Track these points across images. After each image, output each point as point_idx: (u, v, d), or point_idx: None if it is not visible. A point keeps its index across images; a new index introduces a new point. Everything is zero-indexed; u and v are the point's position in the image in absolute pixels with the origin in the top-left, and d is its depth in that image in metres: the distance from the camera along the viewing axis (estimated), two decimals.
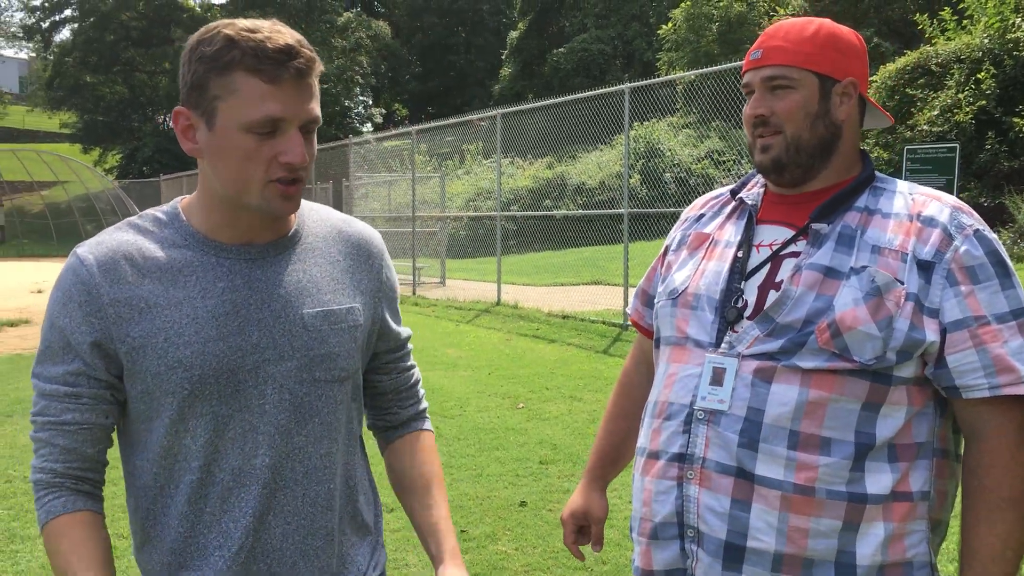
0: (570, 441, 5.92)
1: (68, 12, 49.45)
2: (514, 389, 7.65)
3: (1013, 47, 13.15)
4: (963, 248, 1.46)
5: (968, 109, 12.74)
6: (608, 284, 14.48)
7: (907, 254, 1.47)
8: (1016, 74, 13.01)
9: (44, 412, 1.38)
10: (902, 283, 1.45)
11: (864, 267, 1.47)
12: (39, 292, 17.97)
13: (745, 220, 1.65)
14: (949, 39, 14.64)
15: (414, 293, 16.10)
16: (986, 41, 13.53)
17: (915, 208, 1.52)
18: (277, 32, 1.31)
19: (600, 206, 19.37)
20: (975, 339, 1.43)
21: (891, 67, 14.37)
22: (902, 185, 1.59)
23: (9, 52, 62.55)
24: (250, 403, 1.39)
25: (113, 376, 1.39)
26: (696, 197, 2.01)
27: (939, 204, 1.52)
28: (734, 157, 18.32)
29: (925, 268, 1.45)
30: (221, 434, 1.39)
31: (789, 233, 1.58)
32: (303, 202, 1.49)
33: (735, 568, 1.49)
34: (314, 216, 1.53)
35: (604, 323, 11.06)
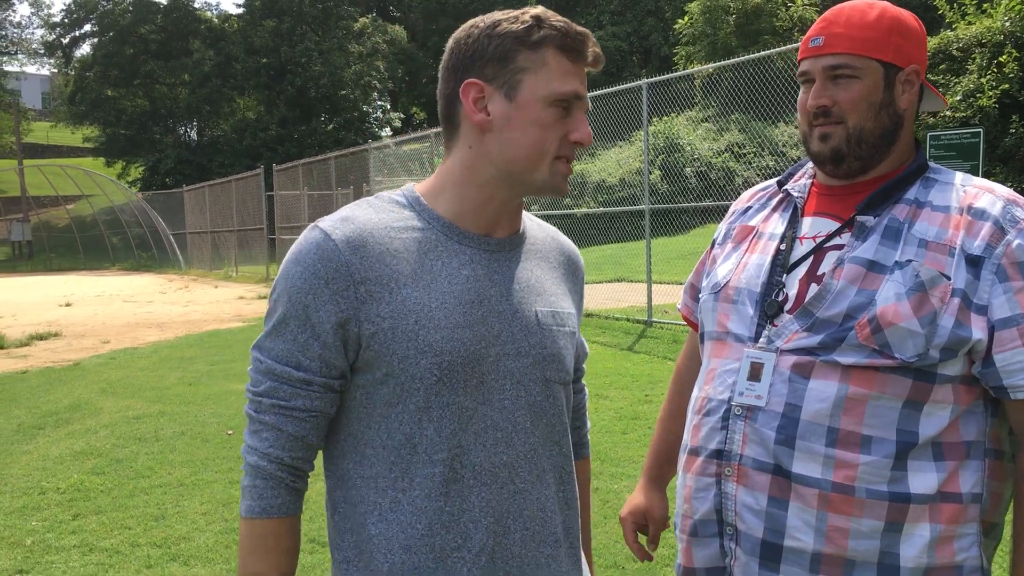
0: (598, 439, 5.90)
1: (88, 27, 49.96)
2: None
3: None
4: (1016, 242, 1.39)
5: (991, 93, 12.59)
6: (631, 281, 14.43)
7: (955, 248, 1.40)
8: None
9: (272, 393, 1.33)
10: (948, 278, 1.39)
11: (909, 261, 1.41)
12: (67, 305, 18.17)
13: (790, 212, 1.61)
14: (970, 23, 14.47)
15: None
16: (1007, 24, 13.35)
17: (966, 200, 1.45)
18: (572, 22, 1.38)
19: (621, 203, 19.33)
20: None
21: None
22: (956, 176, 1.52)
23: (31, 69, 63.35)
24: (491, 397, 1.36)
25: (347, 363, 1.33)
26: (717, 191, 1.99)
27: (992, 196, 1.45)
28: (754, 150, 18.22)
29: (974, 263, 1.39)
30: (465, 427, 1.34)
31: (834, 225, 1.53)
32: None
33: (772, 567, 1.45)
34: (530, 222, 1.53)
35: (628, 320, 11.02)
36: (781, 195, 1.67)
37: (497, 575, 1.36)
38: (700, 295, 1.71)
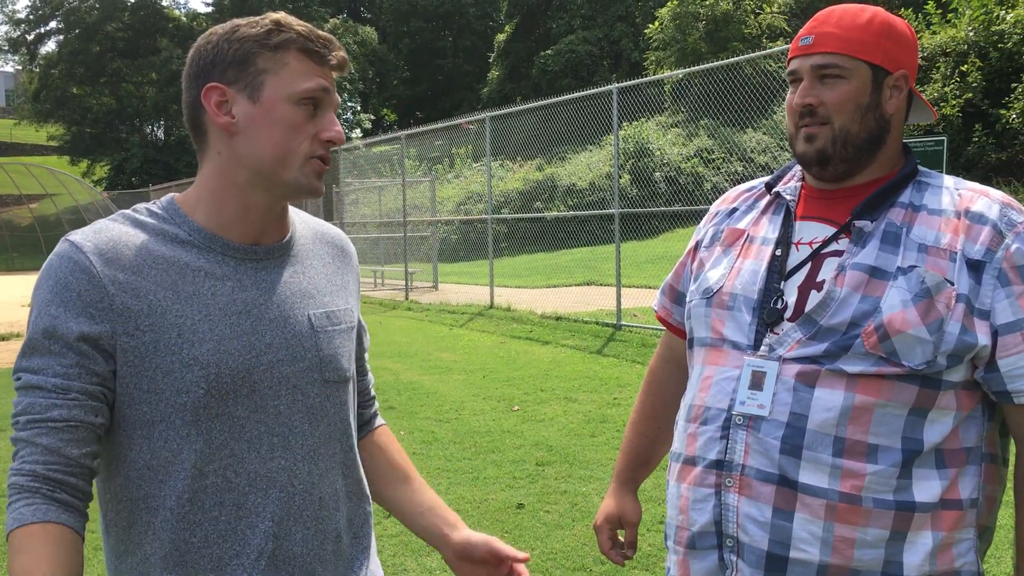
0: (566, 442, 5.91)
1: (53, 24, 49.28)
2: (509, 392, 7.64)
3: (998, 39, 13.21)
4: (1015, 246, 1.39)
5: (955, 102, 12.80)
6: (601, 284, 14.49)
7: (956, 253, 1.40)
8: (1002, 66, 13.07)
9: (28, 410, 1.25)
10: (952, 284, 1.38)
11: (912, 267, 1.40)
12: (28, 306, 17.89)
13: (782, 216, 1.58)
14: (934, 33, 14.69)
15: (407, 298, 16.08)
16: (971, 34, 13.59)
17: (962, 204, 1.44)
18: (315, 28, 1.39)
19: (591, 207, 19.40)
20: None
21: None
22: (947, 180, 1.51)
23: None
24: (266, 404, 1.35)
25: (108, 371, 1.28)
26: (686, 196, 1.99)
27: (987, 200, 1.45)
28: (723, 155, 18.37)
29: (975, 268, 1.38)
30: (238, 437, 1.33)
31: (830, 231, 1.50)
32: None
33: None
34: (296, 220, 1.52)
35: (597, 324, 11.06)
36: (770, 197, 1.64)
37: (278, 573, 1.36)
38: (688, 300, 1.67)
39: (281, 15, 1.37)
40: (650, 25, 27.66)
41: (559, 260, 18.48)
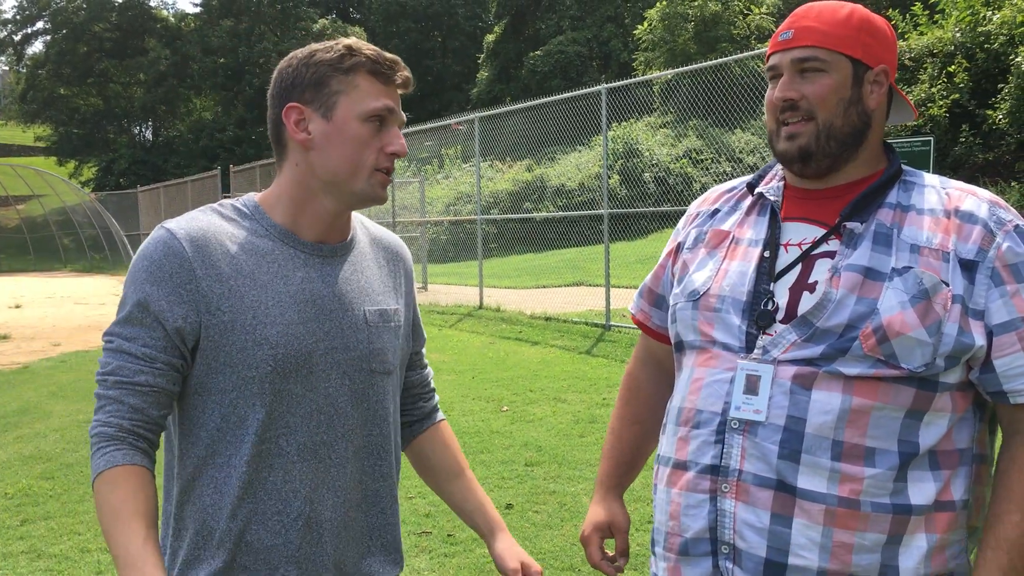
0: (555, 443, 5.92)
1: (40, 24, 49.07)
2: (498, 392, 7.64)
3: (984, 40, 13.28)
4: (1005, 245, 1.39)
5: (942, 103, 12.86)
6: (590, 285, 14.50)
7: (948, 253, 1.39)
8: (988, 67, 13.14)
9: (117, 372, 1.44)
10: (947, 284, 1.37)
11: (907, 268, 1.39)
12: (17, 307, 17.81)
13: (768, 217, 1.56)
14: (921, 34, 14.76)
15: None
16: (958, 35, 13.66)
17: (951, 203, 1.44)
18: (384, 51, 1.55)
19: (580, 207, 19.41)
20: None
21: None
22: (931, 179, 1.51)
23: None
24: (318, 385, 1.53)
25: (188, 348, 1.46)
26: (676, 196, 1.98)
27: (976, 199, 1.44)
28: (712, 156, 18.41)
29: (969, 268, 1.38)
30: (292, 410, 1.51)
31: (818, 231, 1.49)
32: None
33: None
34: (357, 224, 1.69)
35: (587, 324, 11.07)
36: (753, 198, 1.62)
37: (311, 535, 1.54)
38: (672, 303, 1.65)
39: (353, 40, 1.54)
40: (639, 26, 27.69)
41: (548, 260, 18.48)
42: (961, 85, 12.92)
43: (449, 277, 18.87)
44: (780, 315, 1.45)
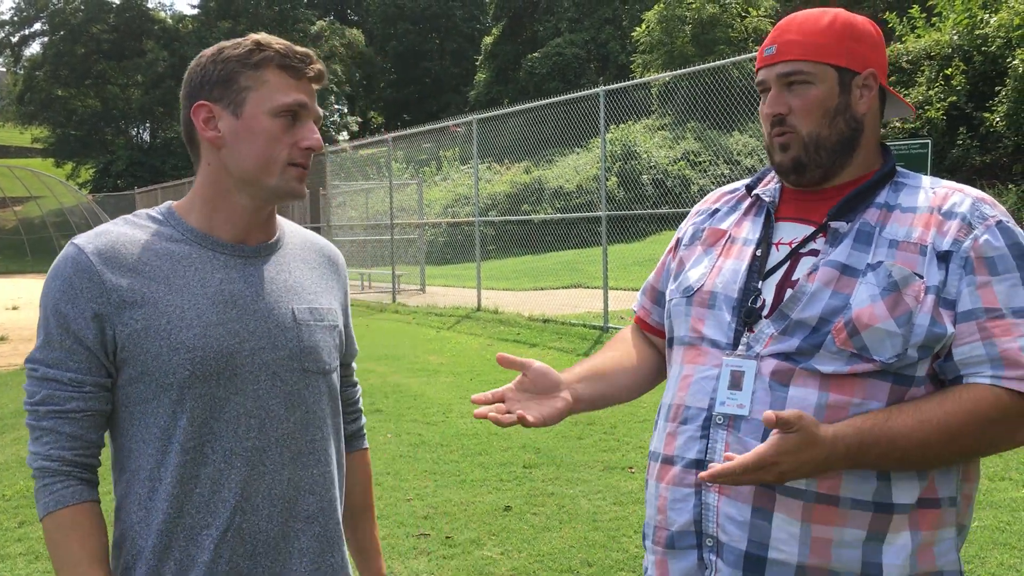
0: (553, 445, 5.92)
1: (38, 26, 49.04)
2: None
3: (982, 43, 13.30)
4: (983, 238, 1.40)
5: (939, 105, 12.88)
6: (588, 287, 14.50)
7: (926, 246, 1.41)
8: (985, 69, 13.17)
9: (47, 401, 1.42)
10: (921, 277, 1.39)
11: (880, 262, 1.41)
12: (14, 309, 17.79)
13: (763, 217, 1.59)
14: (919, 36, 14.79)
15: (394, 300, 16.06)
16: (955, 38, 13.68)
17: (936, 201, 1.46)
18: (295, 44, 1.53)
19: (578, 209, 19.42)
20: (983, 332, 1.36)
21: None
22: (924, 180, 1.52)
23: None
24: (244, 387, 1.48)
25: (111, 363, 1.44)
26: (673, 198, 1.98)
27: (961, 195, 1.46)
28: (710, 158, 18.42)
29: (943, 258, 1.39)
30: (216, 416, 1.46)
31: (808, 230, 1.52)
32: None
33: None
34: (287, 227, 1.66)
35: (584, 326, 11.07)
36: (751, 199, 1.64)
37: (244, 548, 1.48)
38: (668, 298, 1.67)
39: (262, 36, 1.51)
40: (637, 28, 27.72)
41: (546, 263, 18.48)
42: (958, 88, 12.94)
43: (447, 279, 18.87)
44: (766, 311, 1.48)
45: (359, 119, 51.75)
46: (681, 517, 1.50)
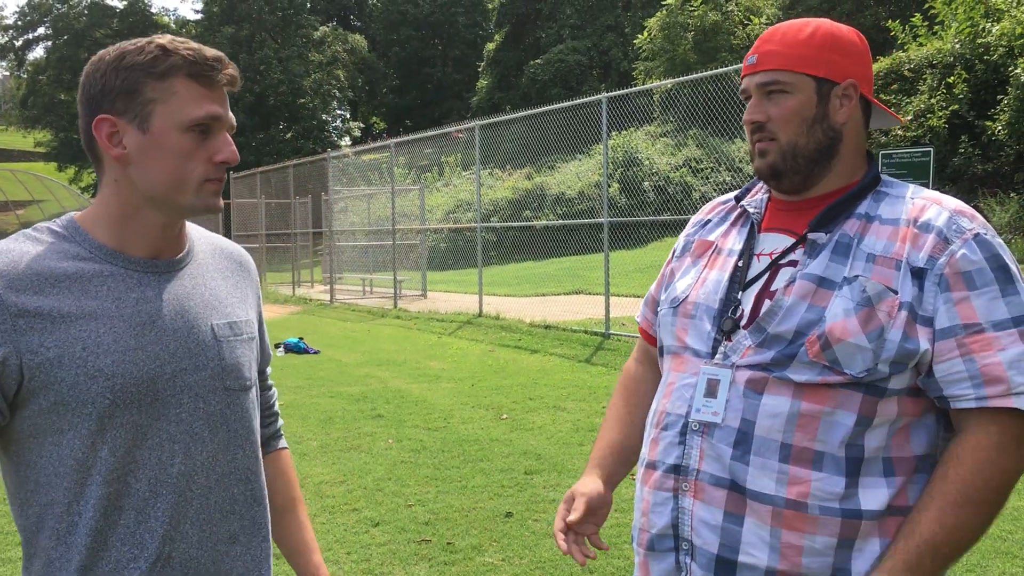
0: (555, 451, 5.91)
1: (41, 30, 49.16)
2: (497, 400, 7.64)
3: (984, 52, 13.32)
4: (960, 252, 1.40)
5: (941, 113, 12.89)
6: (589, 293, 14.50)
7: (901, 261, 1.42)
8: (987, 78, 13.18)
9: None
10: (895, 292, 1.40)
11: (856, 276, 1.42)
12: None
13: (748, 228, 1.62)
14: (921, 45, 14.80)
15: (395, 306, 16.06)
16: (957, 46, 13.69)
17: (913, 213, 1.46)
18: (205, 46, 1.40)
19: (580, 216, 19.43)
20: (962, 348, 1.38)
21: None
22: (907, 189, 1.53)
23: None
24: (167, 412, 1.39)
25: (10, 393, 1.32)
26: (675, 205, 2.00)
27: (938, 208, 1.46)
28: (712, 165, 18.43)
29: (918, 275, 1.40)
30: (140, 444, 1.37)
31: (789, 241, 1.54)
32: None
33: None
34: (194, 234, 1.56)
35: (586, 332, 11.07)
36: (739, 210, 1.67)
37: None
38: (659, 308, 1.71)
39: (168, 39, 1.38)
40: (639, 35, 27.75)
41: (548, 269, 18.49)
42: (960, 96, 12.95)
43: (448, 285, 18.87)
44: (744, 322, 1.51)
45: (361, 124, 51.81)
46: (661, 520, 1.54)
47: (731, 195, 1.74)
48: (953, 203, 1.48)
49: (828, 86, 1.52)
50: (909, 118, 12.99)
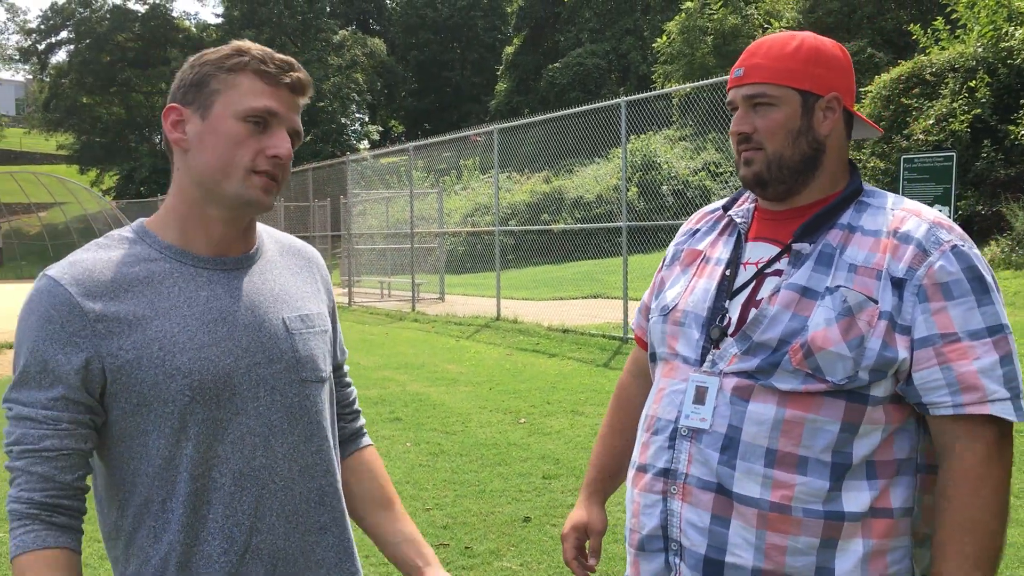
0: (573, 456, 5.90)
1: (64, 34, 49.60)
2: (515, 404, 7.64)
3: (1007, 55, 13.20)
4: (938, 264, 1.45)
5: (963, 118, 12.78)
6: (608, 297, 14.47)
7: (882, 271, 1.47)
8: (1010, 82, 13.06)
9: (21, 440, 1.34)
10: (875, 302, 1.45)
11: (838, 287, 1.47)
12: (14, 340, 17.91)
13: (735, 238, 1.67)
14: (943, 48, 14.69)
15: (413, 309, 16.09)
16: (980, 50, 13.58)
17: (893, 224, 1.51)
18: (279, 53, 1.46)
19: (598, 219, 19.40)
20: (940, 357, 1.43)
21: (885, 77, 14.41)
22: (888, 200, 1.58)
23: (6, 75, 62.72)
24: (246, 406, 1.42)
25: (94, 399, 1.36)
26: (694, 209, 2.01)
27: (917, 220, 1.51)
28: (730, 169, 18.35)
29: (898, 285, 1.45)
30: (220, 439, 1.40)
31: (774, 251, 1.59)
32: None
33: None
34: (264, 233, 1.60)
35: (604, 337, 11.05)
36: (727, 220, 1.71)
37: (264, 568, 1.44)
38: (650, 317, 1.76)
39: (244, 42, 1.45)
40: (658, 39, 27.71)
41: (566, 272, 18.47)
42: (983, 100, 12.83)
43: (466, 288, 18.88)
44: (731, 330, 1.55)
45: (380, 128, 51.96)
46: (650, 522, 1.59)
47: (719, 204, 1.79)
48: (932, 215, 1.53)
49: (813, 99, 1.56)
50: (931, 122, 12.89)
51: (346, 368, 1.75)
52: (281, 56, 1.44)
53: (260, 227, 1.58)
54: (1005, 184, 12.61)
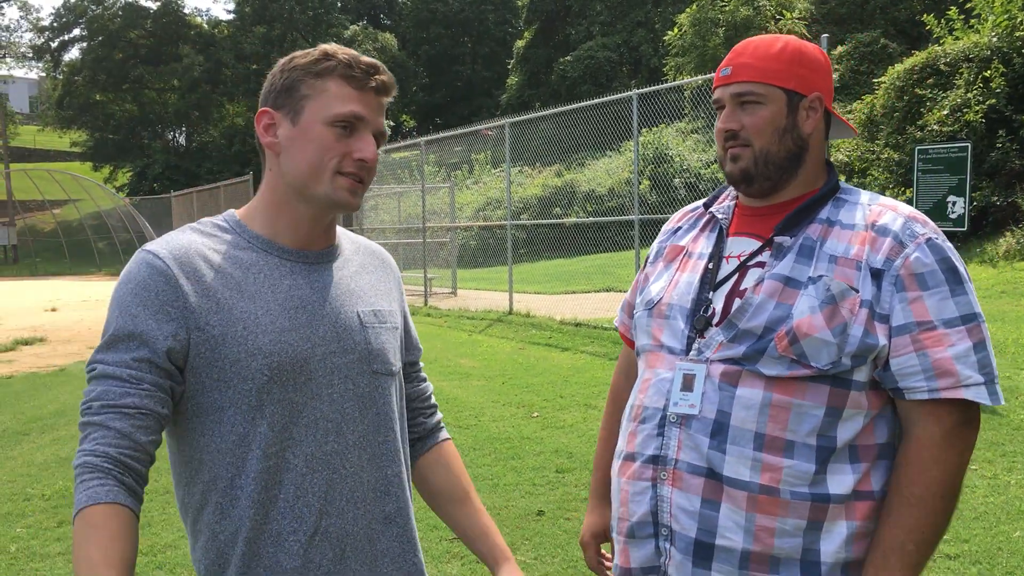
0: (586, 449, 5.90)
1: (77, 31, 49.79)
2: (528, 398, 7.64)
3: (1022, 45, 13.09)
4: (914, 255, 1.52)
5: (978, 108, 12.69)
6: (620, 291, 14.45)
7: (861, 263, 1.53)
8: None
9: (102, 396, 1.36)
10: (857, 291, 1.52)
11: (820, 276, 1.53)
12: (53, 311, 18.07)
13: (716, 233, 1.73)
14: (957, 38, 14.58)
15: (426, 303, 16.11)
16: (994, 40, 13.47)
17: (871, 218, 1.58)
18: (363, 56, 1.53)
19: (610, 213, 19.37)
20: (916, 344, 1.49)
21: (899, 68, 14.32)
22: (863, 196, 1.64)
23: (19, 72, 63.02)
24: (320, 392, 1.49)
25: (176, 368, 1.42)
26: None
27: (894, 214, 1.58)
28: None
29: (876, 276, 1.52)
30: (296, 421, 1.46)
31: (756, 244, 1.65)
32: None
33: (705, 565, 1.55)
34: (344, 236, 1.68)
35: (617, 329, 11.02)
36: (708, 216, 1.78)
37: (333, 552, 1.48)
38: (635, 312, 1.81)
39: (332, 46, 1.52)
40: (669, 31, 27.60)
41: (578, 266, 18.45)
42: (998, 90, 12.74)
43: (479, 282, 18.89)
44: (716, 319, 1.61)
45: (391, 123, 51.96)
46: (640, 509, 1.63)
47: (700, 202, 1.85)
48: (907, 210, 1.60)
49: (797, 98, 1.63)
50: (946, 112, 12.80)
51: (421, 364, 1.82)
52: (367, 59, 1.51)
53: (340, 229, 1.66)
54: (1020, 175, 12.52)
